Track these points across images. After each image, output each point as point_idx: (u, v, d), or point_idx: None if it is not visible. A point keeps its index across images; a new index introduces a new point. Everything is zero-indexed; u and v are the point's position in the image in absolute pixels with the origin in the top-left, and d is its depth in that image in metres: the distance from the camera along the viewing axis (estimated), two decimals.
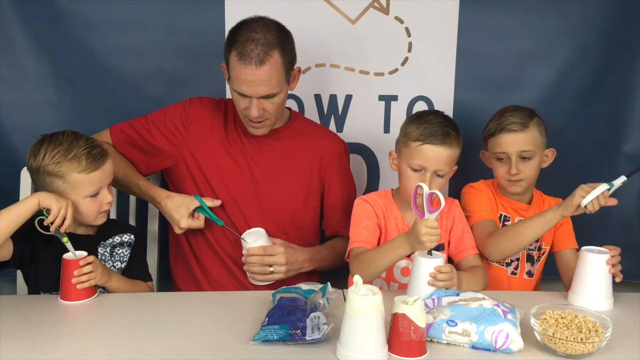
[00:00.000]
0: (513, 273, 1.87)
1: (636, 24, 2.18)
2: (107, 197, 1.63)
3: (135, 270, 1.72)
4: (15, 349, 1.29)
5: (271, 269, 1.77)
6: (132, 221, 2.03)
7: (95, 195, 1.61)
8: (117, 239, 1.70)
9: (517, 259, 1.87)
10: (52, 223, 1.51)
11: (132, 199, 2.03)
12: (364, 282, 1.28)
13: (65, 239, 1.53)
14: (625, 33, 2.19)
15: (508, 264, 1.86)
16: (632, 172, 1.58)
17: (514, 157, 1.78)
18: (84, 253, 1.54)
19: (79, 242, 1.61)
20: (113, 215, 2.02)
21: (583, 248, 1.61)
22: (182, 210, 1.81)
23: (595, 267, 1.56)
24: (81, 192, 1.59)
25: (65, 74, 2.10)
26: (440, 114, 1.71)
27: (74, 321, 1.47)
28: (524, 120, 1.79)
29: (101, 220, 1.65)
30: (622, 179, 1.56)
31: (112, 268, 1.67)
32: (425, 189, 1.47)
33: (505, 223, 1.84)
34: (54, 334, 1.38)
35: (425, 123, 1.65)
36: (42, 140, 1.61)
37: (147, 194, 1.87)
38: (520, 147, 1.78)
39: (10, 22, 2.05)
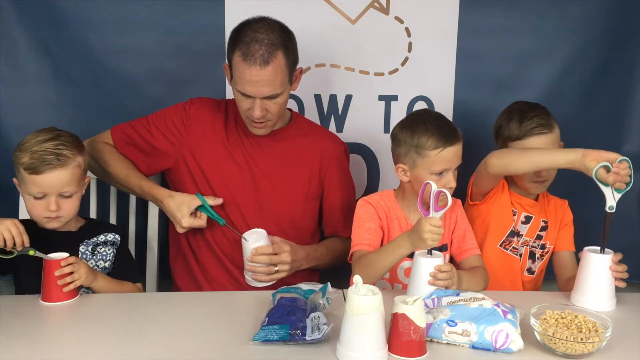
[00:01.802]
0: (520, 267, 1.88)
1: (636, 24, 2.18)
2: (51, 206, 1.58)
3: (121, 272, 1.70)
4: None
5: (276, 268, 1.77)
6: (132, 221, 2.03)
7: (40, 198, 1.59)
8: (101, 237, 1.69)
9: (520, 255, 1.87)
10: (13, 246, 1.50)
11: (132, 199, 2.03)
12: (368, 284, 1.28)
13: (31, 252, 1.52)
14: (625, 33, 2.19)
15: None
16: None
17: None
18: (64, 254, 1.52)
19: (60, 239, 1.62)
20: (113, 214, 2.03)
21: (586, 248, 1.60)
22: (184, 209, 1.80)
23: (598, 268, 1.56)
24: (25, 188, 1.60)
25: (65, 74, 2.10)
26: (433, 114, 1.72)
27: (68, 322, 1.46)
28: (548, 121, 1.79)
29: (49, 225, 1.63)
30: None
31: (96, 267, 1.66)
32: (434, 186, 1.47)
33: (513, 217, 1.85)
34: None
35: (433, 128, 1.64)
36: (39, 130, 1.63)
37: (149, 193, 1.87)
38: (548, 147, 1.77)
39: (10, 22, 2.05)
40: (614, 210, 1.54)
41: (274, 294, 1.49)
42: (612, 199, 1.54)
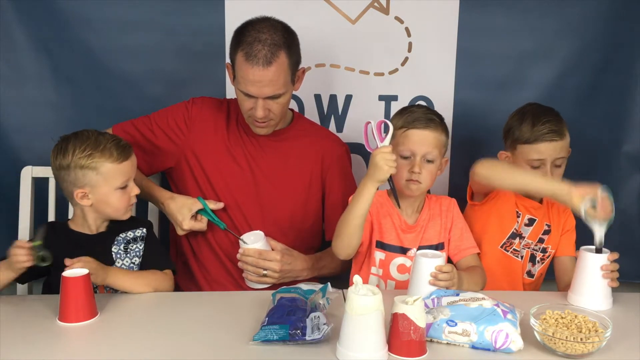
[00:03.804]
0: (521, 269, 1.88)
1: (636, 25, 2.18)
2: (135, 189, 1.65)
3: (150, 263, 1.68)
4: None
5: (265, 272, 1.77)
6: None
7: (124, 187, 1.62)
8: (130, 234, 1.69)
9: (521, 257, 1.87)
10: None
11: None
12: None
13: (35, 243, 1.49)
14: (625, 33, 2.19)
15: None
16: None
17: (549, 164, 1.77)
18: (84, 271, 1.42)
19: (94, 242, 1.62)
20: None
21: (582, 248, 1.60)
22: (184, 211, 1.81)
23: (594, 267, 1.56)
24: (113, 183, 1.60)
25: (65, 74, 2.11)
26: (422, 106, 1.76)
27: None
28: (560, 128, 1.78)
29: (129, 214, 1.66)
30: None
31: (132, 265, 1.66)
32: (373, 122, 1.49)
33: (517, 219, 1.85)
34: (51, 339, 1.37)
35: (409, 112, 1.68)
36: (66, 139, 1.61)
37: (151, 194, 1.87)
38: (558, 154, 1.77)
39: (10, 22, 2.05)
40: (602, 246, 1.57)
41: (274, 294, 1.49)
42: (600, 234, 1.56)
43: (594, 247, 1.58)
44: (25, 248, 1.46)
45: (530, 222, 1.86)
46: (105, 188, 1.60)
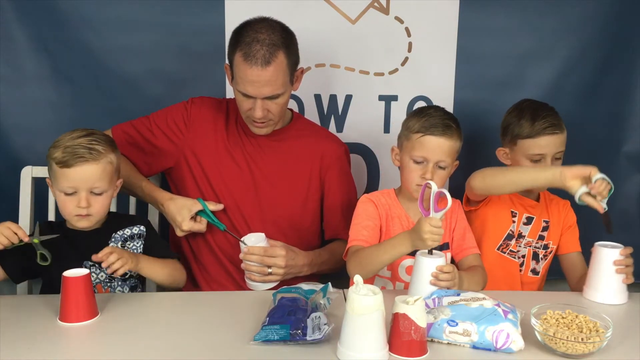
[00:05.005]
0: (519, 270, 1.88)
1: (636, 24, 2.18)
2: (82, 202, 1.57)
3: (156, 256, 1.68)
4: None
5: (269, 270, 1.76)
6: None
7: (71, 194, 1.59)
8: (127, 231, 1.68)
9: (523, 256, 1.87)
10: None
11: (132, 199, 2.02)
12: (368, 284, 1.28)
13: (35, 240, 1.54)
14: (625, 33, 2.19)
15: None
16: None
17: (550, 158, 1.78)
18: (85, 271, 1.42)
19: (88, 237, 1.61)
20: None
21: (597, 243, 1.62)
22: (184, 212, 1.80)
23: (606, 261, 1.59)
24: (57, 184, 1.59)
25: (65, 74, 2.11)
26: (440, 108, 1.74)
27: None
28: (559, 122, 1.80)
29: (80, 224, 1.61)
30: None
31: None
32: (434, 187, 1.47)
33: (513, 219, 1.85)
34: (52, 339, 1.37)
35: (426, 116, 1.67)
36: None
37: (151, 195, 1.87)
38: (558, 148, 1.79)
39: (10, 22, 2.05)
40: (607, 209, 1.58)
41: (275, 294, 1.49)
42: (600, 206, 1.58)
43: (608, 242, 1.61)
44: (13, 231, 1.49)
45: (529, 220, 1.86)
46: (54, 186, 1.61)
